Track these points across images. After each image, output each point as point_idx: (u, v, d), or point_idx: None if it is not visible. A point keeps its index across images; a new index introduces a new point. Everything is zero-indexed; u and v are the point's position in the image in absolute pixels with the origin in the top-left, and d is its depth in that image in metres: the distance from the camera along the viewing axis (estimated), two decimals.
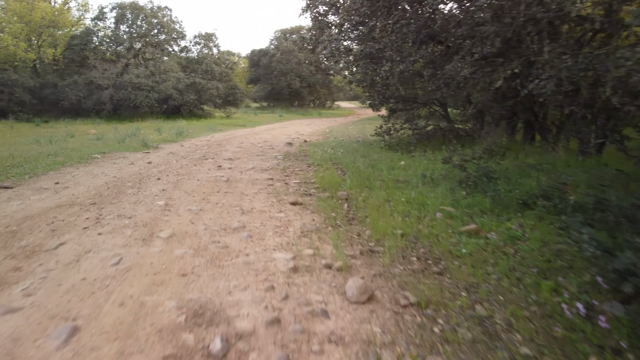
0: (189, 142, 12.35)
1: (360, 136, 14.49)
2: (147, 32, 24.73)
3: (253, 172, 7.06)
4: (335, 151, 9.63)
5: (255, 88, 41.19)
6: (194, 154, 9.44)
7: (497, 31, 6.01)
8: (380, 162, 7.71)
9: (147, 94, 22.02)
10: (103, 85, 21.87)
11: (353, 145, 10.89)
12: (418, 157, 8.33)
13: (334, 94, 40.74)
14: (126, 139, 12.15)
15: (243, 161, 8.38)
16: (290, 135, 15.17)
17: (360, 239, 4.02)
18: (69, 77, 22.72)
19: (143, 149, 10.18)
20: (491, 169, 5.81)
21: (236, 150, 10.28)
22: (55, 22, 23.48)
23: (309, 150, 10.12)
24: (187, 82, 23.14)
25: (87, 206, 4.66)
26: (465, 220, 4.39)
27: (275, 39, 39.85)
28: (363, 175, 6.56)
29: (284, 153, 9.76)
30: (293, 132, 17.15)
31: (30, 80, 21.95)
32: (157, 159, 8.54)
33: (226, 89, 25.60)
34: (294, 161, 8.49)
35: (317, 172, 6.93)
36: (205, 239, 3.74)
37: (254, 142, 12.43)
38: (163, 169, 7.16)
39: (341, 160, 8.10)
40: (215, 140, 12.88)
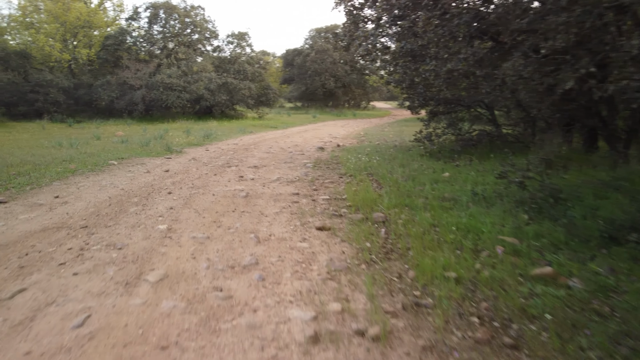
0: (215, 145, 11.71)
1: (398, 140, 13.51)
2: (180, 32, 24.47)
3: (277, 184, 6.24)
4: (371, 159, 8.72)
5: (290, 88, 40.64)
6: (217, 160, 8.74)
7: (568, 22, 4.96)
8: (421, 174, 6.77)
9: (178, 94, 21.71)
10: (135, 86, 21.69)
11: (390, 152, 9.94)
12: (463, 166, 7.34)
13: (369, 94, 39.69)
14: (151, 142, 11.62)
15: (269, 170, 7.60)
16: (322, 139, 14.34)
17: (402, 283, 3.13)
18: (102, 78, 22.69)
19: (165, 154, 9.58)
20: (557, 187, 4.77)
21: (263, 156, 9.52)
22: (90, 22, 23.52)
23: (342, 157, 9.25)
24: (219, 82, 22.70)
25: (76, 230, 3.95)
26: (535, 257, 3.44)
27: (309, 38, 39.16)
28: (402, 190, 5.64)
29: (315, 160, 8.92)
30: (326, 134, 16.32)
31: (65, 81, 22.02)
32: (177, 166, 7.88)
33: (259, 89, 25.06)
34: (325, 170, 7.63)
35: (350, 186, 6.05)
36: (204, 283, 2.93)
37: (284, 146, 11.66)
38: (178, 180, 6.45)
39: (377, 170, 7.19)
40: (243, 144, 12.20)
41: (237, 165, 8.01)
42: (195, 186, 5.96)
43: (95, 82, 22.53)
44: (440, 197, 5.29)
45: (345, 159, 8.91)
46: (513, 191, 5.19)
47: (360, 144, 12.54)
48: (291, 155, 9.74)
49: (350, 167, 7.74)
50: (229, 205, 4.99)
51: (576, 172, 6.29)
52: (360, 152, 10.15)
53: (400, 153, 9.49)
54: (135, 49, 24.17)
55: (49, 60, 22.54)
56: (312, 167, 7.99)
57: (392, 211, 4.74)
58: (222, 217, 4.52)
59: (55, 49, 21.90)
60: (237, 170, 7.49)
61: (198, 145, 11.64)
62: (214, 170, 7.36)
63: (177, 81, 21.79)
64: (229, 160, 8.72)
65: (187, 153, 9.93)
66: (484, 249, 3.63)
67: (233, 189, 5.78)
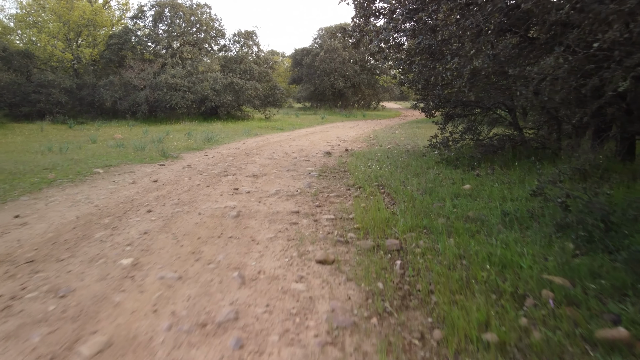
0: (215, 150, 10.98)
1: (410, 144, 12.69)
2: (185, 31, 23.84)
3: (275, 199, 5.47)
4: (382, 166, 7.93)
5: (298, 88, 39.89)
6: (214, 167, 8.00)
7: (619, 11, 4.13)
8: (439, 185, 5.97)
9: (183, 94, 21.07)
10: (139, 86, 21.09)
11: (402, 158, 9.12)
12: (485, 176, 6.54)
13: (379, 94, 38.79)
14: (147, 146, 10.93)
15: (268, 180, 6.83)
16: (330, 142, 13.55)
17: (426, 348, 2.36)
18: (106, 78, 22.13)
19: (159, 160, 8.87)
20: (607, 208, 3.92)
21: (265, 162, 8.77)
22: (94, 21, 22.98)
23: (350, 164, 8.46)
24: (225, 83, 22.02)
25: (18, 266, 3.20)
26: (596, 308, 2.66)
27: (319, 37, 38.35)
28: (419, 207, 4.85)
29: (320, 167, 8.14)
30: (334, 137, 15.53)
31: (68, 81, 21.51)
32: (167, 175, 7.15)
33: (266, 90, 24.34)
34: (331, 180, 6.84)
35: (358, 201, 5.26)
36: (159, 356, 2.17)
37: (288, 151, 10.89)
38: (165, 193, 5.71)
39: (389, 181, 6.39)
40: (245, 148, 11.46)
41: (234, 174, 7.26)
42: (181, 202, 5.20)
43: (98, 83, 21.96)
44: (463, 216, 4.49)
45: (354, 166, 8.12)
46: (551, 211, 4.39)
47: (370, 149, 11.73)
48: (295, 161, 8.96)
49: (359, 176, 6.95)
50: (215, 228, 4.22)
51: (622, 186, 5.45)
52: (370, 158, 9.35)
53: (413, 160, 8.67)
54: (140, 49, 23.58)
55: (52, 60, 22.02)
56: (317, 176, 7.21)
57: (408, 236, 3.96)
58: (204, 245, 3.75)
59: (58, 48, 21.36)
60: (233, 180, 6.73)
61: (197, 149, 10.92)
62: (208, 181, 6.61)
63: (182, 81, 21.15)
64: (227, 168, 7.98)
65: (183, 159, 9.21)
66: (527, 294, 2.84)
67: (223, 206, 5.01)
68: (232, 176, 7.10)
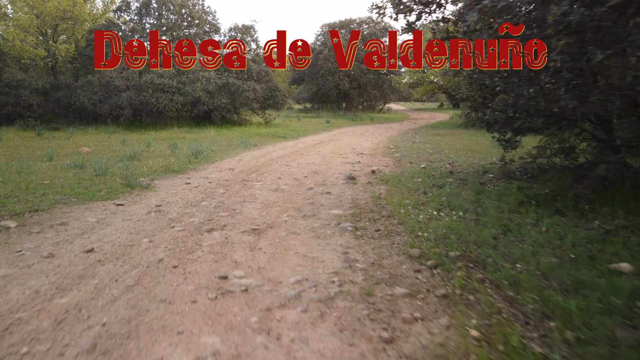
0: (202, 173, 8.37)
1: (445, 159, 10.23)
2: (175, 25, 21.20)
3: (297, 315, 2.83)
4: (439, 207, 5.38)
5: (299, 89, 37.20)
6: (195, 212, 5.39)
7: None
8: (570, 260, 3.44)
9: (171, 97, 18.45)
10: (121, 87, 18.46)
11: (455, 188, 6.60)
12: (616, 231, 4.05)
13: (387, 95, 36.14)
14: (114, 167, 8.36)
15: (278, 243, 4.22)
16: (346, 157, 10.97)
17: None
18: (84, 78, 19.49)
19: (120, 194, 6.27)
20: None
21: (269, 198, 6.16)
22: (71, 13, 20.31)
23: (390, 200, 5.91)
24: (219, 83, 19.40)
25: None
26: None
27: (321, 35, 35.69)
28: (587, 335, 2.28)
29: (351, 210, 5.55)
30: (348, 148, 12.95)
31: (40, 81, 18.84)
32: (119, 231, 4.52)
33: (265, 91, 21.74)
34: (378, 244, 4.25)
35: (459, 316, 2.69)
36: None
37: (298, 173, 8.29)
38: (87, 295, 3.10)
39: (474, 246, 3.86)
40: (241, 169, 8.84)
41: (223, 228, 4.66)
42: (100, 337, 2.57)
43: (75, 83, 19.31)
44: None
45: (398, 205, 5.57)
46: None
47: (401, 168, 9.16)
48: (312, 195, 6.37)
49: (417, 232, 4.40)
50: None
51: None
52: (411, 186, 6.81)
53: (475, 192, 6.09)
54: (124, 45, 20.90)
55: (21, 57, 19.37)
56: (351, 230, 4.62)
57: None
58: None
59: (28, 43, 18.70)
60: (220, 245, 4.13)
61: (178, 172, 8.31)
62: (178, 249, 3.99)
63: (170, 82, 18.53)
64: (213, 211, 5.36)
65: (154, 191, 6.61)
66: None
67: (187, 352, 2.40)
68: (220, 232, 4.50)
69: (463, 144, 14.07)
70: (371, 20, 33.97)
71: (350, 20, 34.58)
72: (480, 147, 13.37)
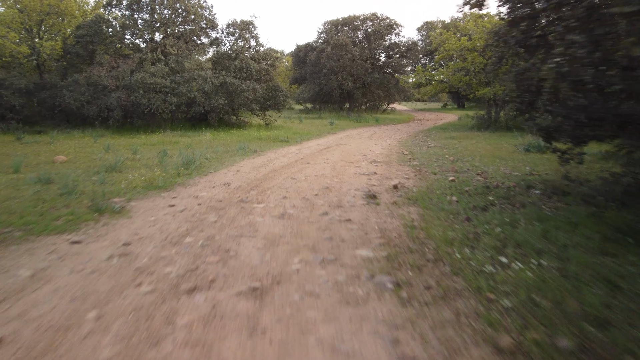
0: (192, 188, 7.00)
1: (470, 168, 8.94)
2: (169, 20, 19.80)
3: None
4: (492, 236, 4.04)
5: (300, 89, 35.74)
6: (174, 253, 3.99)
7: None
8: None
9: (164, 97, 17.05)
10: (110, 87, 17.06)
11: (500, 210, 5.24)
12: None
13: (392, 95, 34.70)
14: (85, 183, 6.99)
15: (290, 315, 2.84)
16: (359, 166, 9.60)
17: None
18: (71, 77, 18.08)
19: (83, 223, 4.89)
20: None
21: (273, 229, 4.78)
22: (58, 8, 18.91)
23: (428, 230, 4.56)
24: (216, 83, 18.01)
25: None
26: None
27: (324, 32, 34.25)
28: None
29: (381, 246, 4.17)
30: (358, 155, 11.57)
31: (23, 80, 17.44)
32: (42, 305, 3.11)
33: (265, 91, 20.34)
34: (435, 311, 2.88)
35: None
36: None
37: (307, 190, 6.90)
38: None
39: (558, 301, 2.51)
40: (239, 183, 7.46)
41: (210, 286, 3.26)
42: None
43: (60, 83, 17.91)
44: None
45: (443, 240, 4.23)
46: None
47: (426, 182, 7.78)
48: (328, 224, 4.98)
49: (490, 293, 3.03)
50: None
51: None
52: (449, 208, 5.47)
53: (548, 224, 4.71)
54: (114, 41, 19.51)
55: (4, 55, 17.97)
56: (393, 290, 3.24)
57: None
58: None
59: (10, 40, 17.29)
60: (203, 322, 2.74)
61: (163, 188, 6.91)
62: (135, 336, 2.58)
63: (163, 81, 17.13)
64: (199, 255, 3.95)
65: (128, 217, 5.22)
66: None
67: None
68: (206, 295, 3.11)
69: (484, 150, 12.70)
70: (375, 17, 32.57)
71: (354, 17, 33.16)
72: (504, 152, 12.01)
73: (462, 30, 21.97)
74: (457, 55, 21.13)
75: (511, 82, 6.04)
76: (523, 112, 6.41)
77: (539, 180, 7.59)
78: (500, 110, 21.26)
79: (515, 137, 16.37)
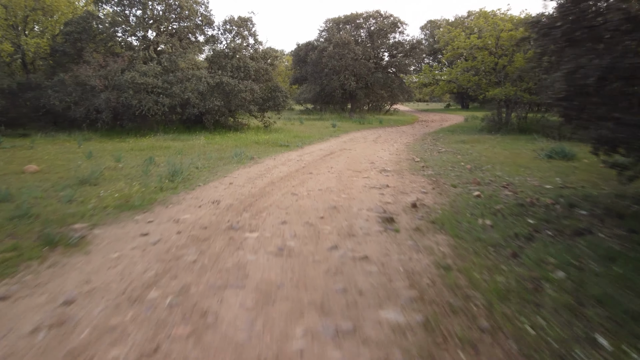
0: (174, 208, 5.88)
1: (492, 179, 7.92)
2: (162, 17, 18.69)
3: None
4: (557, 286, 2.95)
5: (301, 89, 34.57)
6: (128, 320, 2.87)
7: None
8: None
9: (156, 98, 15.94)
10: (98, 87, 15.95)
11: (550, 240, 4.13)
12: None
13: (396, 96, 33.53)
14: (49, 200, 5.89)
15: None
16: (368, 176, 8.52)
17: None
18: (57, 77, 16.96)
19: (24, 262, 3.79)
20: None
21: (268, 275, 3.66)
22: (44, 3, 17.81)
23: (470, 277, 3.48)
24: (211, 83, 16.90)
25: None
26: None
27: (325, 30, 33.11)
28: None
29: (413, 305, 3.08)
30: (366, 162, 10.49)
31: (5, 80, 16.33)
32: None
33: (264, 91, 19.24)
34: None
35: None
36: None
37: (311, 210, 5.80)
38: None
39: None
40: (230, 200, 6.35)
41: None
42: None
43: (45, 82, 16.79)
44: None
45: (494, 292, 3.18)
46: None
47: (447, 196, 6.70)
48: (339, 265, 3.87)
49: None
50: None
51: None
52: (485, 237, 4.39)
53: (626, 267, 3.62)
54: (103, 38, 18.39)
55: None
56: None
57: None
58: None
59: None
60: None
61: (139, 208, 5.81)
62: None
63: (154, 81, 16.01)
64: (163, 323, 2.81)
65: (85, 252, 4.11)
66: None
67: None
68: None
69: (502, 156, 11.58)
70: (379, 14, 31.44)
71: (357, 15, 32.02)
72: (524, 159, 10.91)
73: (470, 28, 20.84)
74: (466, 54, 20.00)
75: (560, 82, 4.94)
76: (571, 119, 5.31)
77: (580, 196, 6.50)
78: (511, 112, 20.18)
79: (530, 140, 15.29)
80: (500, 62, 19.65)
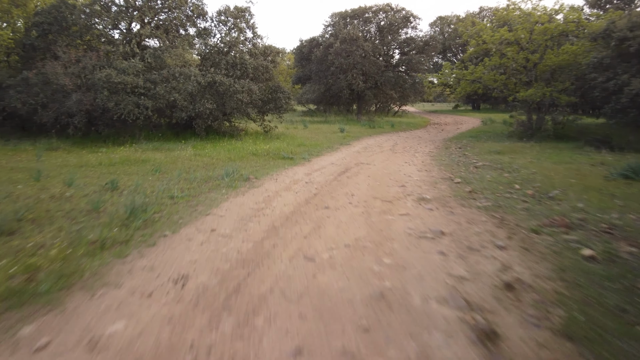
0: (101, 302, 3.39)
1: (579, 215, 5.35)
2: (146, 6, 16.22)
3: None
4: None
5: (304, 89, 32.13)
6: None
7: None
8: None
9: (137, 100, 13.49)
10: (67, 86, 13.50)
11: None
12: None
13: (407, 96, 31.00)
14: None
15: None
16: (407, 212, 6.08)
17: None
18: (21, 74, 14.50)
19: None
20: None
21: None
22: None
23: None
24: (202, 82, 14.45)
25: None
26: None
27: (331, 25, 30.58)
28: None
29: None
30: (393, 183, 8.05)
31: None
32: None
33: (264, 92, 16.79)
34: None
35: None
36: None
37: (343, 303, 3.35)
38: None
39: None
40: (204, 278, 3.88)
41: None
42: None
43: (7, 81, 14.32)
44: None
45: None
46: None
47: (537, 252, 4.26)
48: None
49: None
50: None
51: None
52: None
53: None
54: (78, 31, 15.93)
55: None
56: None
57: None
58: None
59: None
60: None
61: (43, 301, 3.35)
62: None
63: (134, 79, 13.56)
64: None
65: None
66: None
67: None
68: None
69: (560, 174, 9.06)
70: (390, 7, 28.93)
71: (365, 9, 29.50)
72: (595, 181, 8.41)
73: (499, 20, 18.37)
74: (495, 50, 17.54)
75: None
76: None
77: None
78: (545, 116, 17.75)
79: (576, 150, 12.91)
80: (531, 59, 17.20)
